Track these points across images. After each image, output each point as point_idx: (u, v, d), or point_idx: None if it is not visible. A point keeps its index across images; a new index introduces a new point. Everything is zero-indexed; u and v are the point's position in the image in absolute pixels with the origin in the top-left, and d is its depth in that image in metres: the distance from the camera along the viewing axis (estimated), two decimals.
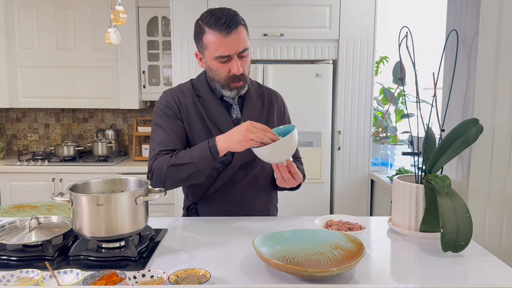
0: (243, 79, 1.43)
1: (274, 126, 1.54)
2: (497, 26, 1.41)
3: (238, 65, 1.39)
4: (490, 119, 1.44)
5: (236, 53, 1.38)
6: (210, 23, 1.36)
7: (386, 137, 3.15)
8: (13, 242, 1.14)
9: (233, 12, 1.40)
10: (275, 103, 1.59)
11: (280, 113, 1.60)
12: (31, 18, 3.29)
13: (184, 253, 1.18)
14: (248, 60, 1.45)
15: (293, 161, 1.52)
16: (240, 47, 1.38)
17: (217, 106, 1.49)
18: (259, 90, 1.59)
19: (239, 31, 1.37)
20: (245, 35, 1.41)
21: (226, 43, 1.35)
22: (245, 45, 1.40)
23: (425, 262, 1.13)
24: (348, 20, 2.92)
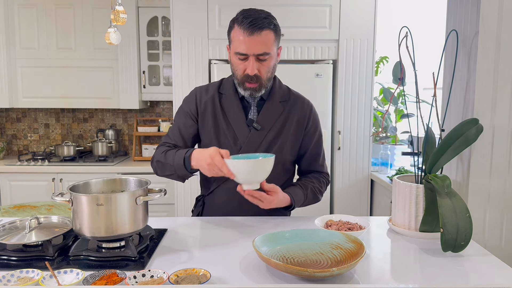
0: (258, 82, 1.43)
1: (289, 133, 1.53)
2: (497, 26, 1.41)
3: (253, 66, 1.40)
4: (490, 119, 1.44)
5: (254, 54, 1.38)
6: (239, 20, 1.39)
7: (386, 137, 3.15)
8: (13, 242, 1.14)
9: (265, 15, 1.40)
10: (298, 110, 1.56)
11: (302, 121, 1.56)
12: (31, 18, 3.28)
13: (184, 253, 1.18)
14: (268, 64, 1.43)
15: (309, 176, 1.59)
16: (258, 49, 1.38)
17: (235, 105, 1.52)
18: (286, 96, 1.57)
19: (263, 34, 1.37)
20: (269, 40, 1.40)
21: (246, 42, 1.37)
22: (266, 50, 1.39)
23: (425, 262, 1.13)
24: (348, 20, 2.92)
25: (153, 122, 3.66)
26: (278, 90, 1.56)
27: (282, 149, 1.52)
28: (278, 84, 1.58)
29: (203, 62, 2.94)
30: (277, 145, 1.51)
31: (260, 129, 1.49)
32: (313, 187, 1.55)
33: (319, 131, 1.62)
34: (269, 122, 1.51)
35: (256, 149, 1.49)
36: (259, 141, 1.50)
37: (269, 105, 1.52)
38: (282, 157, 1.52)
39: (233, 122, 1.51)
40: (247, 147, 1.49)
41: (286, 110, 1.54)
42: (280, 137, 1.52)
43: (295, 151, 1.57)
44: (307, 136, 1.57)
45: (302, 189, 1.52)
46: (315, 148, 1.60)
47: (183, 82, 2.92)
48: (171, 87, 3.27)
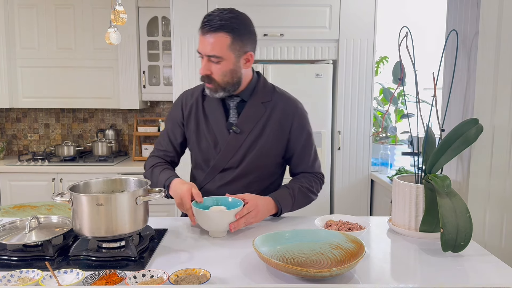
0: (212, 83, 1.41)
1: (271, 135, 1.48)
2: (497, 26, 1.41)
3: (204, 66, 1.39)
4: (490, 119, 1.44)
5: (205, 54, 1.37)
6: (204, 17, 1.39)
7: (386, 137, 3.15)
8: (13, 242, 1.14)
9: (227, 17, 1.35)
10: (281, 110, 1.50)
11: (286, 121, 1.50)
12: (31, 18, 3.28)
13: (184, 253, 1.18)
14: (222, 68, 1.38)
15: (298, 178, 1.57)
16: (208, 51, 1.35)
17: (216, 108, 1.50)
18: (269, 96, 1.51)
19: (215, 37, 1.34)
20: (221, 43, 1.34)
21: (201, 40, 1.38)
22: (216, 53, 1.35)
23: (425, 262, 1.13)
24: (348, 20, 2.92)
25: (153, 122, 3.66)
26: (262, 90, 1.51)
27: (263, 152, 1.48)
28: (262, 84, 1.53)
29: None
30: (256, 148, 1.48)
31: (239, 133, 1.47)
32: (302, 187, 1.50)
33: (307, 131, 1.55)
34: (248, 125, 1.47)
35: (235, 153, 1.47)
36: (238, 145, 1.47)
37: (249, 107, 1.48)
38: (263, 160, 1.50)
39: (213, 125, 1.49)
40: (226, 151, 1.47)
41: (268, 111, 1.49)
42: (260, 140, 1.48)
43: (279, 153, 1.53)
44: (293, 137, 1.52)
45: (288, 190, 1.48)
46: (304, 149, 1.54)
47: (183, 82, 2.92)
48: (171, 87, 3.27)
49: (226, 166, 1.49)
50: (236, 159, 1.48)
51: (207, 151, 1.51)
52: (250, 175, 1.50)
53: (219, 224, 1.27)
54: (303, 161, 1.56)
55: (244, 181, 1.50)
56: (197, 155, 1.55)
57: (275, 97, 1.53)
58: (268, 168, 1.54)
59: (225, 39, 1.35)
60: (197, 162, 1.56)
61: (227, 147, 1.47)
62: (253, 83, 1.51)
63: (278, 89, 1.57)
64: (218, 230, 1.29)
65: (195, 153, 1.56)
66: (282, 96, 1.54)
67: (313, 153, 1.58)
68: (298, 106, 1.56)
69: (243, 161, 1.48)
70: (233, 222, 1.29)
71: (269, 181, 1.56)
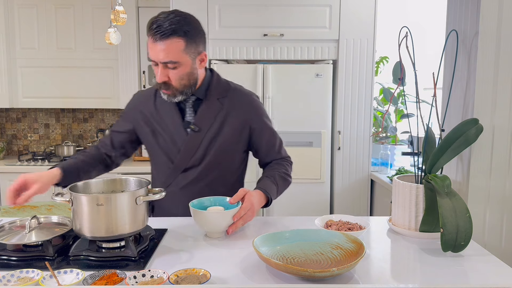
0: (169, 89, 1.39)
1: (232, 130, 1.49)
2: (497, 26, 1.41)
3: (161, 74, 1.35)
4: (490, 119, 1.44)
5: (160, 62, 1.33)
6: (149, 24, 1.34)
7: (386, 137, 3.15)
8: (13, 242, 1.14)
9: (175, 21, 1.32)
10: (238, 105, 1.51)
11: (244, 116, 1.51)
12: (31, 18, 3.28)
13: (184, 253, 1.18)
14: (179, 72, 1.36)
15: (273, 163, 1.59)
16: (163, 57, 1.32)
17: (171, 109, 1.49)
18: (224, 92, 1.51)
19: (168, 43, 1.31)
20: (175, 48, 1.32)
21: (152, 49, 1.33)
22: (172, 58, 1.32)
23: (425, 262, 1.13)
24: (348, 20, 2.92)
25: None
26: (216, 87, 1.50)
27: (224, 148, 1.49)
28: (216, 80, 1.52)
29: None
30: (217, 145, 1.48)
31: (198, 131, 1.46)
32: (280, 173, 1.53)
33: (267, 122, 1.57)
34: (206, 123, 1.47)
35: (195, 151, 1.47)
36: (198, 143, 1.47)
37: (205, 104, 1.48)
38: (225, 156, 1.50)
39: (169, 126, 1.49)
40: (185, 150, 1.47)
41: (225, 106, 1.49)
42: (220, 136, 1.48)
43: (241, 148, 1.54)
44: (255, 131, 1.53)
45: (270, 179, 1.49)
46: (269, 139, 1.57)
47: None
48: None
49: (187, 166, 1.49)
50: (197, 158, 1.48)
51: (167, 152, 1.50)
52: (213, 173, 1.51)
53: (217, 224, 1.27)
54: (271, 150, 1.58)
55: (207, 179, 1.51)
56: (157, 157, 1.53)
57: (230, 92, 1.53)
58: (231, 165, 1.55)
59: (179, 44, 1.33)
60: (157, 164, 1.55)
61: (187, 146, 1.47)
62: (207, 80, 1.50)
63: (232, 84, 1.56)
64: (216, 231, 1.29)
65: (155, 156, 1.54)
66: (237, 91, 1.54)
67: (278, 141, 1.60)
68: (254, 99, 1.56)
69: (205, 159, 1.48)
70: (231, 225, 1.29)
71: (233, 178, 1.57)
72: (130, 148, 1.60)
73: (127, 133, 1.56)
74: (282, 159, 1.61)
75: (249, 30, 2.92)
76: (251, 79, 2.90)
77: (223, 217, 1.27)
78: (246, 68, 2.91)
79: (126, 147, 1.59)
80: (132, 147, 1.60)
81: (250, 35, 2.92)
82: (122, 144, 1.57)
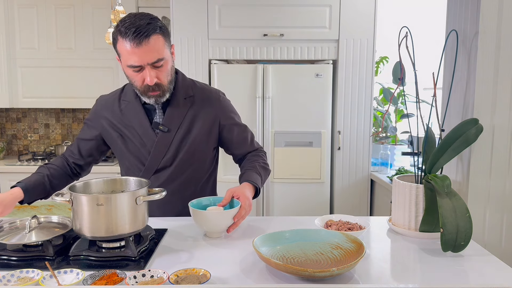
0: (160, 89, 1.38)
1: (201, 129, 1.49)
2: (497, 26, 1.41)
3: (151, 76, 1.33)
4: (490, 119, 1.44)
5: (148, 63, 1.31)
6: (121, 31, 1.29)
7: (386, 137, 3.15)
8: (13, 242, 1.14)
9: (148, 20, 1.30)
10: (206, 103, 1.51)
11: (213, 114, 1.51)
12: (31, 18, 3.28)
13: (184, 253, 1.18)
14: (165, 69, 1.37)
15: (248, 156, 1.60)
16: (151, 58, 1.31)
17: (137, 111, 1.48)
18: (191, 91, 1.51)
19: (152, 41, 1.29)
20: (159, 44, 1.32)
21: (136, 53, 1.29)
22: (159, 56, 1.32)
23: (425, 262, 1.13)
24: (348, 20, 2.92)
25: None
26: (182, 86, 1.50)
27: (194, 147, 1.50)
28: (181, 80, 1.51)
29: (203, 62, 2.94)
30: (188, 144, 1.49)
31: (167, 131, 1.46)
32: (259, 163, 1.54)
33: (236, 118, 1.58)
34: (175, 123, 1.47)
35: (166, 151, 1.47)
36: (168, 143, 1.47)
37: (173, 104, 1.47)
38: (196, 155, 1.51)
39: (137, 128, 1.48)
40: (156, 151, 1.47)
41: (193, 106, 1.50)
42: (190, 135, 1.49)
43: (211, 146, 1.55)
44: (225, 129, 1.55)
45: (253, 170, 1.50)
46: (240, 135, 1.58)
47: None
48: None
49: (159, 167, 1.49)
50: (168, 158, 1.48)
51: (137, 155, 1.49)
52: (185, 173, 1.51)
53: (217, 224, 1.28)
54: (244, 145, 1.60)
55: (180, 179, 1.51)
56: (127, 161, 1.53)
57: (196, 91, 1.53)
58: (202, 163, 1.55)
59: (160, 40, 1.32)
60: (128, 168, 1.54)
61: (157, 147, 1.47)
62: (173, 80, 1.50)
63: (198, 83, 1.57)
64: (216, 231, 1.29)
65: (125, 159, 1.53)
66: (203, 90, 1.55)
67: (249, 135, 1.62)
68: (221, 96, 1.57)
69: (176, 159, 1.48)
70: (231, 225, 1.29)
71: (206, 176, 1.58)
72: (98, 155, 1.58)
73: (94, 140, 1.54)
74: (256, 150, 1.63)
75: (249, 30, 2.92)
76: (251, 79, 2.90)
77: (223, 217, 1.27)
78: (246, 68, 2.91)
79: (94, 155, 1.57)
80: (100, 153, 1.58)
81: (250, 35, 2.93)
82: (90, 152, 1.55)
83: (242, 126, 1.60)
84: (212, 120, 1.52)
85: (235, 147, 1.59)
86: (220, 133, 1.55)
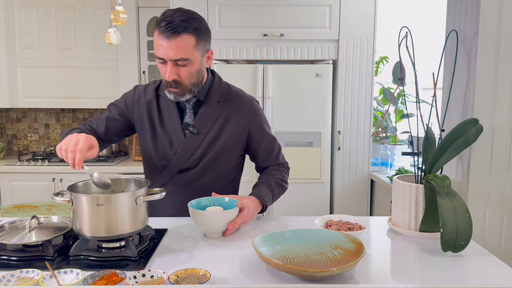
0: (179, 87, 1.37)
1: (230, 134, 1.48)
2: (497, 26, 1.41)
3: (170, 72, 1.33)
4: (490, 119, 1.44)
5: (171, 59, 1.31)
6: (158, 22, 1.32)
7: (386, 137, 3.15)
8: (13, 242, 1.14)
9: (185, 17, 1.30)
10: (239, 109, 1.50)
11: (244, 121, 1.50)
12: (31, 18, 3.28)
13: (184, 253, 1.18)
14: (189, 70, 1.36)
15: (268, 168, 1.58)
16: (174, 55, 1.30)
17: (170, 108, 1.47)
18: (225, 95, 1.50)
19: (179, 39, 1.29)
20: (188, 45, 1.31)
21: (162, 46, 1.30)
22: (183, 55, 1.31)
23: (425, 262, 1.13)
24: (348, 20, 2.92)
25: None
26: (217, 89, 1.49)
27: (222, 151, 1.49)
28: (217, 83, 1.50)
29: None
30: (215, 149, 1.47)
31: (196, 133, 1.45)
32: (276, 179, 1.52)
33: (266, 128, 1.56)
34: (206, 125, 1.46)
35: (193, 153, 1.46)
36: (196, 146, 1.46)
37: (206, 107, 1.46)
38: (220, 159, 1.49)
39: (168, 126, 1.47)
40: (183, 152, 1.46)
41: (225, 110, 1.48)
42: (219, 140, 1.48)
43: (237, 151, 1.53)
44: (254, 137, 1.53)
45: (266, 185, 1.48)
46: (267, 145, 1.56)
47: None
48: None
49: (183, 167, 1.48)
50: (194, 159, 1.47)
51: (163, 152, 1.49)
52: (208, 175, 1.50)
53: (216, 225, 1.28)
54: (270, 156, 1.58)
55: (201, 181, 1.50)
56: (152, 156, 1.52)
57: (231, 96, 1.51)
58: (226, 167, 1.53)
59: (190, 40, 1.31)
60: (152, 162, 1.53)
61: (184, 148, 1.46)
62: (208, 82, 1.49)
63: (233, 88, 1.55)
64: (215, 231, 1.29)
65: (150, 153, 1.52)
66: (238, 95, 1.53)
67: (276, 147, 1.59)
68: (254, 104, 1.55)
69: (201, 161, 1.48)
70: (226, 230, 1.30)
71: (228, 179, 1.57)
72: (119, 138, 1.56)
73: (125, 124, 1.52)
74: (279, 165, 1.60)
75: (249, 30, 2.92)
76: (251, 79, 2.90)
77: (222, 218, 1.27)
78: (246, 68, 2.91)
79: (119, 137, 1.55)
80: (120, 137, 1.56)
81: (250, 35, 2.93)
82: (117, 133, 1.53)
83: (271, 137, 1.58)
84: (242, 127, 1.50)
85: (261, 157, 1.58)
86: (248, 141, 1.54)
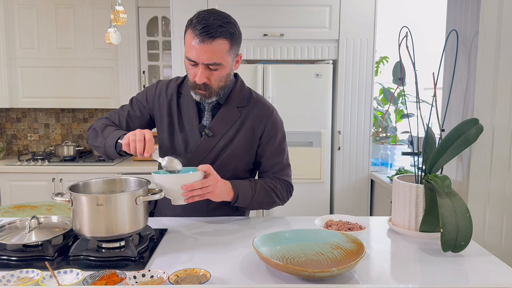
0: (207, 90, 1.36)
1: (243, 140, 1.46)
2: (497, 26, 1.41)
3: (201, 75, 1.32)
4: (490, 119, 1.44)
5: (203, 63, 1.31)
6: (192, 23, 1.31)
7: (386, 137, 3.15)
8: (13, 242, 1.14)
9: (222, 22, 1.30)
10: (255, 116, 1.47)
11: (258, 128, 1.47)
12: (31, 18, 3.28)
13: (184, 253, 1.18)
14: (219, 74, 1.35)
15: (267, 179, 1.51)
16: (208, 59, 1.29)
17: (190, 108, 1.47)
18: (245, 101, 1.48)
19: (215, 44, 1.28)
20: (222, 50, 1.30)
21: (196, 49, 1.29)
22: (217, 60, 1.30)
23: (425, 262, 1.13)
24: (348, 20, 2.92)
25: None
26: (238, 94, 1.47)
27: (233, 156, 1.46)
28: (239, 87, 1.48)
29: None
30: (227, 153, 1.45)
31: (211, 136, 1.44)
32: (265, 184, 1.46)
33: (280, 139, 1.51)
34: (221, 129, 1.44)
35: (206, 155, 1.45)
36: (209, 148, 1.45)
37: (224, 111, 1.45)
38: (232, 164, 1.47)
39: (186, 125, 1.47)
40: (196, 153, 1.45)
41: (242, 115, 1.46)
42: (232, 144, 1.45)
43: (250, 158, 1.50)
44: (262, 143, 1.49)
45: (250, 182, 1.44)
46: (273, 156, 1.50)
47: None
48: None
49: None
50: (206, 162, 1.45)
51: (178, 150, 1.49)
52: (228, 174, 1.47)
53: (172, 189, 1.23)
54: (273, 167, 1.52)
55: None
56: (168, 153, 1.50)
57: (251, 102, 1.49)
58: (237, 173, 1.49)
59: (224, 46, 1.31)
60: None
61: (198, 149, 1.45)
62: (231, 85, 1.47)
63: (255, 94, 1.52)
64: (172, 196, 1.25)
65: (166, 150, 1.51)
66: (258, 102, 1.50)
67: (284, 161, 1.53)
68: (274, 113, 1.52)
69: (213, 164, 1.45)
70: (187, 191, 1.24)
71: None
72: None
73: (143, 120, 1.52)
74: (280, 179, 1.52)
75: (249, 30, 2.92)
76: (251, 79, 2.90)
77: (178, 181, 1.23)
78: (246, 68, 2.91)
79: None
80: None
81: (250, 35, 2.92)
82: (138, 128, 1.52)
83: (282, 150, 1.52)
84: (256, 134, 1.48)
85: (264, 165, 1.52)
86: (257, 147, 1.50)
